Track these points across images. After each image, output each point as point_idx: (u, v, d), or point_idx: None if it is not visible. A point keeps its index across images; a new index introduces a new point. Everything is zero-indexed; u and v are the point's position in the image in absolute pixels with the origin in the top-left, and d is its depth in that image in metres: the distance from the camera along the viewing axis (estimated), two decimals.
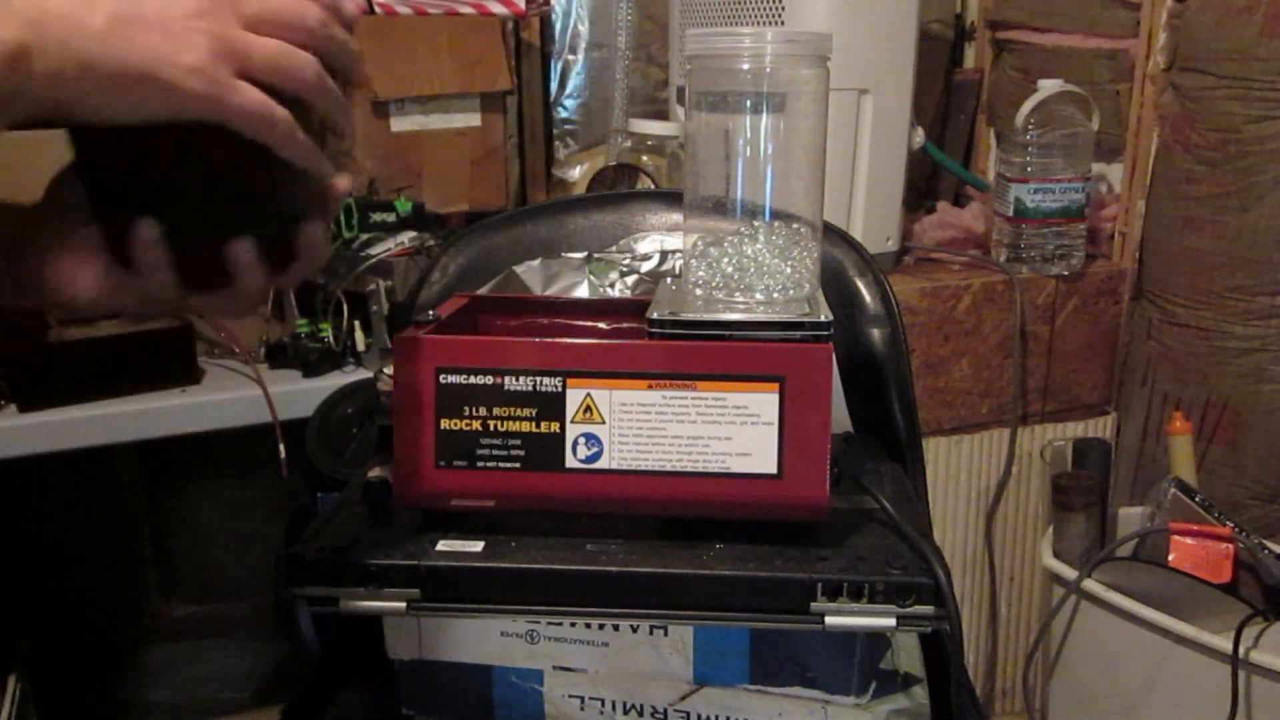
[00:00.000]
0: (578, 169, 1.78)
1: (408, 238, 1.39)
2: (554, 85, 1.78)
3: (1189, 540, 1.33)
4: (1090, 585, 1.38)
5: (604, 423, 0.63)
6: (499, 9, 1.53)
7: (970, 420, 1.62)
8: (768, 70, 0.68)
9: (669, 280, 0.83)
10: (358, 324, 1.35)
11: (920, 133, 1.59)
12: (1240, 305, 1.49)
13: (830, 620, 0.61)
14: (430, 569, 0.62)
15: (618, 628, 0.70)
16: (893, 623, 0.62)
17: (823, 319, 0.65)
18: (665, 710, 0.72)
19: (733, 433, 0.63)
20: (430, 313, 0.70)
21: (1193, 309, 1.54)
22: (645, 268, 0.89)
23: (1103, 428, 1.69)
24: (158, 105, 0.46)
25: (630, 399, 0.63)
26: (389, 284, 1.35)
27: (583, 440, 0.63)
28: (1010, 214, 1.59)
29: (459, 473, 0.64)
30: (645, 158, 1.65)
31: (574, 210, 0.96)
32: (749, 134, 0.69)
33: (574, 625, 0.70)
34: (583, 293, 0.88)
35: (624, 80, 1.73)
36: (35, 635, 1.58)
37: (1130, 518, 1.48)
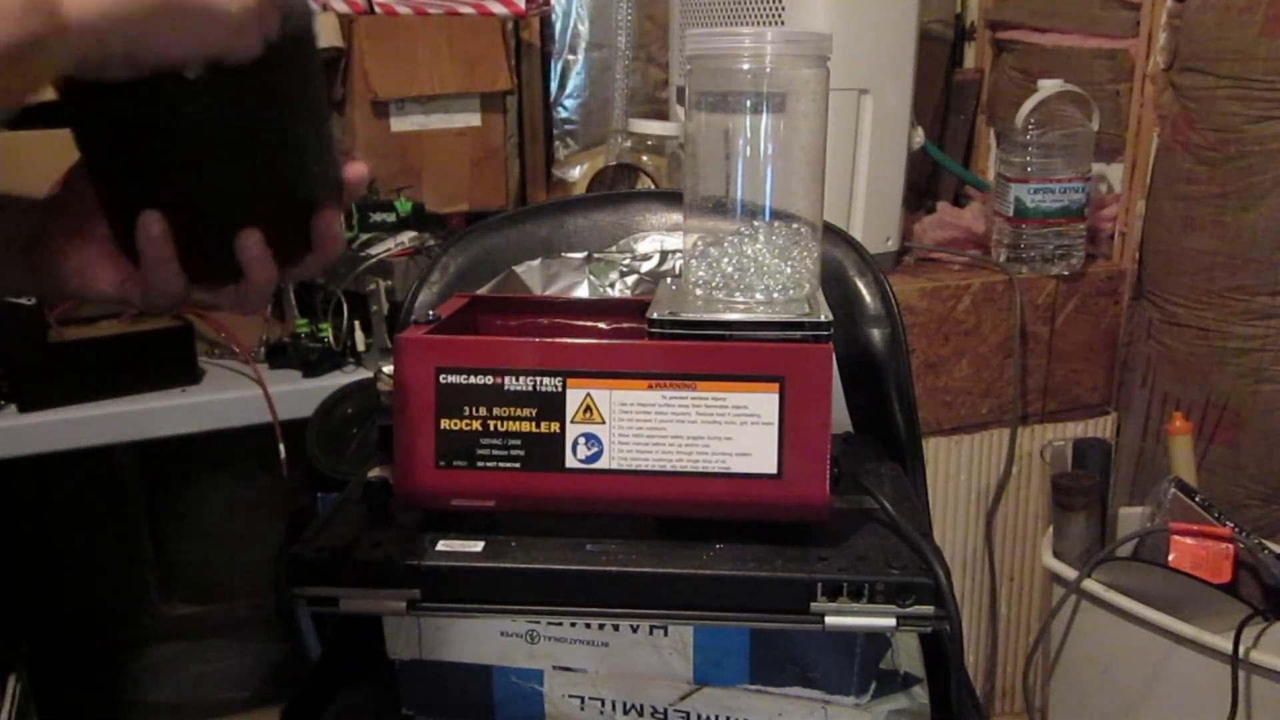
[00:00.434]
0: (578, 169, 1.78)
1: (408, 238, 1.39)
2: (554, 85, 1.78)
3: (1189, 540, 1.33)
4: (1090, 585, 1.38)
5: (604, 423, 0.63)
6: (499, 9, 1.53)
7: (970, 420, 1.62)
8: (768, 70, 0.68)
9: (669, 280, 0.83)
10: (358, 324, 1.35)
11: (920, 133, 1.59)
12: (1240, 305, 1.49)
13: (830, 620, 0.61)
14: (430, 569, 0.62)
15: (618, 628, 0.70)
16: (893, 623, 0.62)
17: (823, 319, 0.65)
18: (665, 710, 0.72)
19: (733, 433, 0.63)
20: (430, 313, 0.70)
21: (1193, 309, 1.54)
22: (645, 268, 0.89)
23: (1103, 428, 1.69)
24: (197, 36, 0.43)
25: (630, 399, 0.63)
26: (389, 284, 1.35)
27: (583, 440, 0.63)
28: (1010, 214, 1.59)
29: (459, 473, 0.64)
30: (645, 158, 1.65)
31: (574, 210, 0.96)
32: (749, 134, 0.69)
33: (574, 625, 0.70)
34: (583, 293, 0.88)
35: (624, 80, 1.73)
36: (35, 635, 1.57)
37: (1130, 518, 1.48)
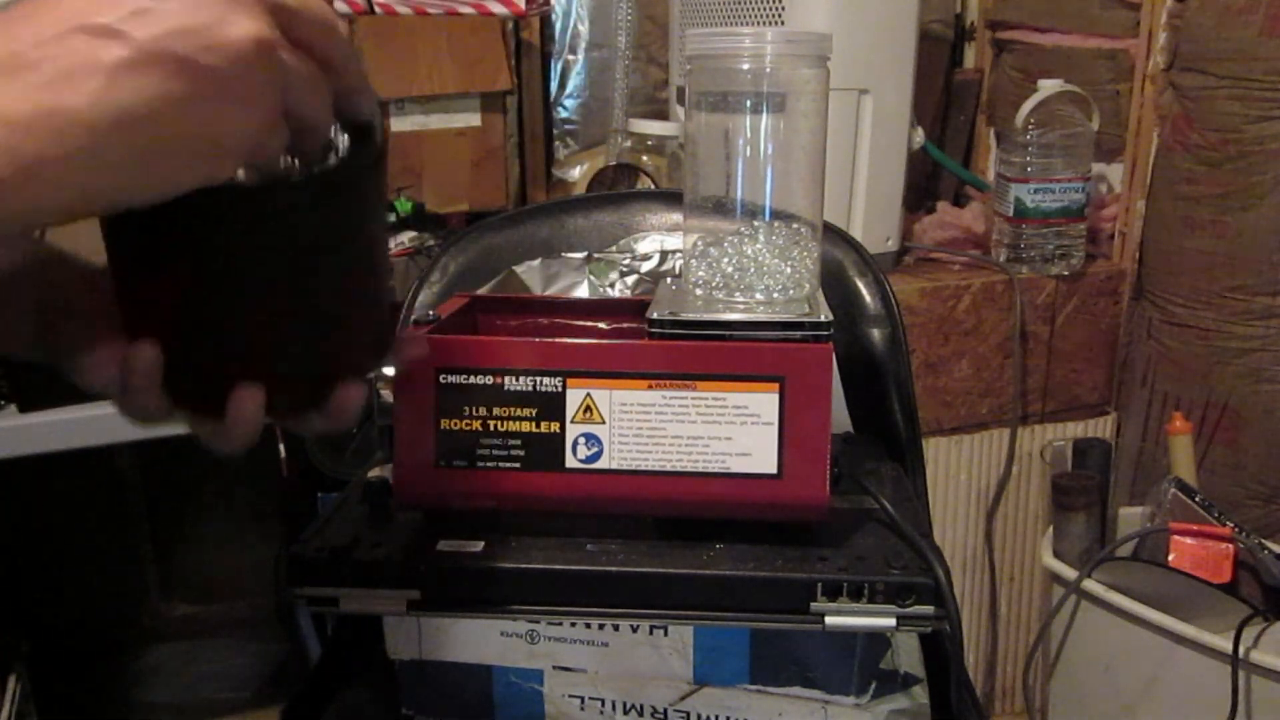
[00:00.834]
0: (578, 169, 1.78)
1: (408, 238, 1.39)
2: (554, 85, 1.78)
3: (1189, 540, 1.33)
4: (1090, 585, 1.38)
5: (604, 423, 0.63)
6: (499, 9, 1.53)
7: (970, 420, 1.62)
8: (768, 70, 0.68)
9: (669, 280, 0.83)
10: None
11: (920, 133, 1.59)
12: (1240, 305, 1.49)
13: (830, 620, 0.61)
14: (430, 569, 0.62)
15: (618, 628, 0.70)
16: (893, 623, 0.61)
17: (823, 319, 0.64)
18: (665, 710, 0.72)
19: (733, 433, 0.62)
20: (430, 313, 0.70)
21: (1193, 309, 1.54)
22: (645, 268, 0.89)
23: (1103, 428, 1.69)
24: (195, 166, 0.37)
25: (630, 399, 0.63)
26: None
27: (583, 440, 0.63)
28: (1010, 214, 1.59)
29: (459, 473, 0.64)
30: (645, 158, 1.65)
31: (574, 210, 0.96)
32: (749, 134, 0.69)
33: (574, 625, 0.70)
34: (583, 293, 0.88)
35: (624, 80, 1.73)
36: (35, 635, 1.58)
37: (1130, 518, 1.48)
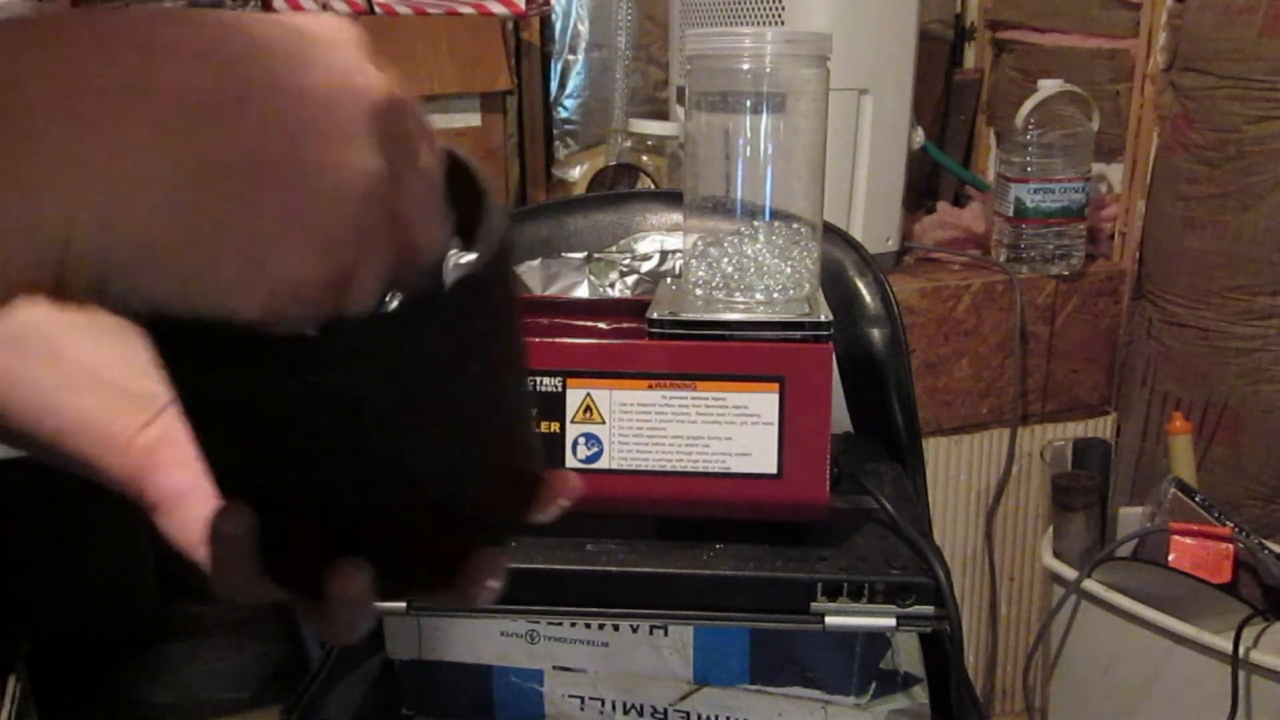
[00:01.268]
0: (578, 169, 1.78)
1: None
2: (554, 85, 1.78)
3: (1189, 540, 1.33)
4: (1090, 585, 1.38)
5: (604, 423, 0.63)
6: (499, 9, 1.53)
7: (970, 420, 1.62)
8: (768, 70, 0.68)
9: (669, 280, 0.83)
10: None
11: (920, 133, 1.59)
12: (1240, 305, 1.49)
13: (830, 620, 0.61)
14: None
15: (618, 628, 0.70)
16: (893, 623, 0.62)
17: (823, 319, 0.65)
18: (665, 710, 0.72)
19: (733, 433, 0.62)
20: None
21: (1193, 309, 1.54)
22: (645, 268, 0.89)
23: (1103, 428, 1.69)
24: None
25: (630, 399, 0.63)
26: None
27: (583, 440, 0.63)
28: (1010, 214, 1.59)
29: None
30: (645, 158, 1.65)
31: (574, 210, 0.96)
32: (749, 134, 0.69)
33: (574, 625, 0.70)
34: (583, 293, 0.88)
35: (624, 80, 1.73)
36: (35, 635, 1.57)
37: (1130, 518, 1.48)
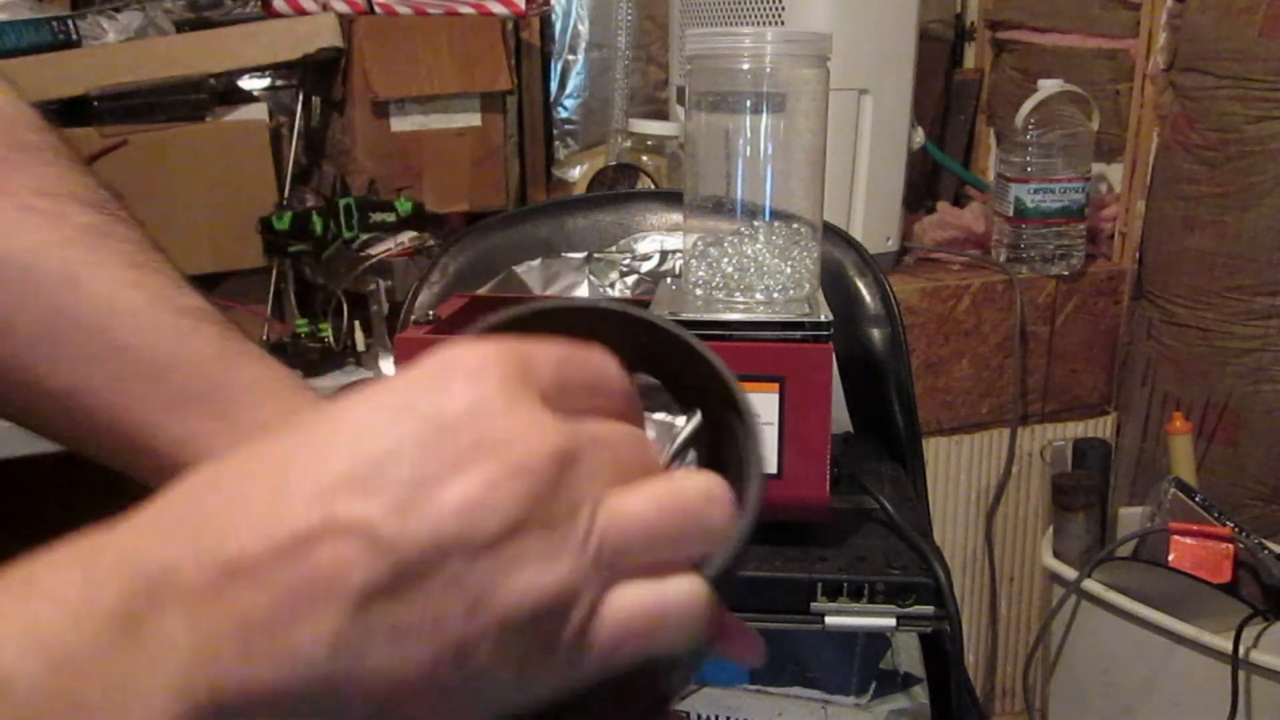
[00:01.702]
0: (578, 169, 1.78)
1: (408, 238, 1.39)
2: (554, 85, 1.78)
3: (1189, 540, 1.33)
4: (1090, 585, 1.38)
5: None
6: (499, 9, 1.52)
7: (970, 420, 1.62)
8: (768, 70, 0.68)
9: (669, 280, 0.83)
10: (358, 324, 1.35)
11: (920, 133, 1.59)
12: (1240, 305, 1.49)
13: (830, 620, 0.61)
14: None
15: None
16: (893, 623, 0.62)
17: (823, 319, 0.64)
18: None
19: None
20: (430, 313, 0.70)
21: (1193, 309, 1.54)
22: (645, 268, 0.89)
23: (1103, 428, 1.69)
24: None
25: None
26: (389, 284, 1.35)
27: None
28: (1010, 214, 1.59)
29: None
30: (645, 158, 1.65)
31: (574, 210, 0.96)
32: (749, 134, 0.69)
33: None
34: (583, 293, 0.88)
35: (624, 80, 1.73)
36: None
37: (1130, 518, 1.48)
